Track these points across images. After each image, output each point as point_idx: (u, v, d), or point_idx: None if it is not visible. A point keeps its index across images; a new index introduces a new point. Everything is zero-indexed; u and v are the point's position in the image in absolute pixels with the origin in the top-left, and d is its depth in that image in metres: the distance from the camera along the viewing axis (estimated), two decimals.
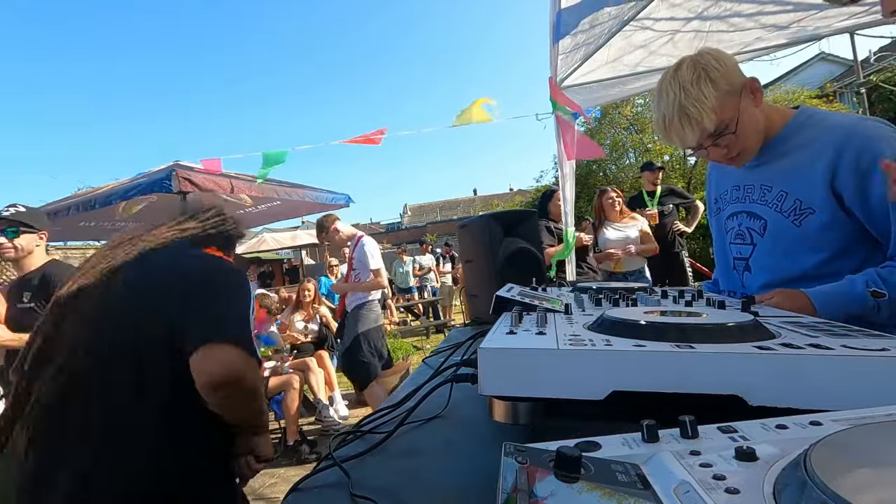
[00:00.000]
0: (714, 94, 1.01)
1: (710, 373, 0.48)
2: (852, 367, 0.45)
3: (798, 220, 1.04)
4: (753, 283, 1.15)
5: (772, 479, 0.28)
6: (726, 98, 1.02)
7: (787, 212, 1.06)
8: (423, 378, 0.86)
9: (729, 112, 1.03)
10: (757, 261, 1.14)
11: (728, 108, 1.03)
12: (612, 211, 3.95)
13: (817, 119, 1.06)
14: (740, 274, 1.19)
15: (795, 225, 1.04)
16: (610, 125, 16.95)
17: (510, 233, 1.52)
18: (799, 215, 1.04)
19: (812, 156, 1.02)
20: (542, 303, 0.89)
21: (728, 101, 1.02)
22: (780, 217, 1.07)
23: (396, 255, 11.16)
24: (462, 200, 34.59)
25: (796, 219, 1.04)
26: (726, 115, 1.03)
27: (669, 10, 2.88)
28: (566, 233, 3.77)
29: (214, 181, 4.05)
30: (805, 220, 1.03)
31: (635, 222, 3.89)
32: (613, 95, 3.90)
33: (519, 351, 0.54)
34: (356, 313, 3.75)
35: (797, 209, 1.04)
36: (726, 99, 1.02)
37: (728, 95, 1.02)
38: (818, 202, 1.01)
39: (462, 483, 0.55)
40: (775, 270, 1.10)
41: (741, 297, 0.90)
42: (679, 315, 0.64)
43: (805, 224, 1.03)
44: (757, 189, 1.13)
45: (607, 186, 4.14)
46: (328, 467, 0.62)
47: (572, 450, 0.31)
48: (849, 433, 0.31)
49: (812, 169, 1.02)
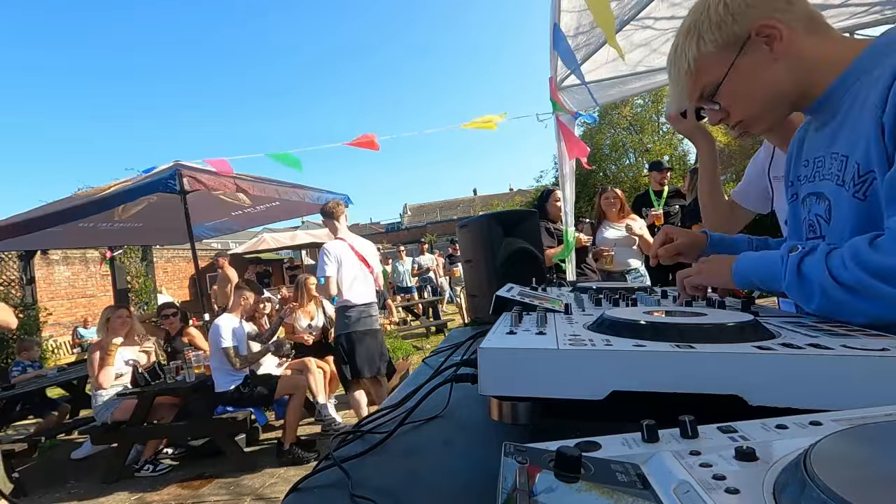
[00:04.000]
0: (694, 50, 0.83)
1: (710, 373, 0.48)
2: (852, 367, 0.45)
3: (861, 192, 0.73)
4: None
5: (772, 479, 0.28)
6: (712, 55, 0.82)
7: (848, 182, 0.76)
8: (423, 378, 0.86)
9: (712, 72, 0.83)
10: None
11: (710, 69, 0.83)
12: (610, 211, 3.95)
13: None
14: None
15: (859, 199, 0.74)
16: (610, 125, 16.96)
17: (510, 233, 1.52)
18: (861, 184, 0.73)
19: (871, 95, 0.71)
20: (542, 303, 0.89)
21: (714, 59, 0.82)
22: (842, 192, 0.78)
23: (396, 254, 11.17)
24: (462, 200, 34.62)
25: (858, 190, 0.74)
26: (705, 78, 0.84)
27: (670, 10, 2.88)
28: (566, 233, 3.77)
29: (218, 180, 4.06)
30: (870, 189, 0.72)
31: (635, 223, 3.90)
32: (613, 95, 3.90)
33: (519, 351, 0.54)
34: (338, 316, 3.78)
35: (857, 176, 0.74)
36: (712, 57, 0.82)
37: (719, 50, 0.81)
38: (877, 158, 0.70)
39: (462, 483, 0.55)
40: None
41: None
42: (679, 315, 0.64)
43: (871, 195, 0.72)
44: (827, 160, 0.82)
45: (608, 186, 4.15)
46: (328, 467, 0.62)
47: (572, 450, 0.31)
48: (849, 433, 0.31)
49: (868, 112, 0.71)
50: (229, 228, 6.78)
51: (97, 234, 5.79)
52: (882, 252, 0.61)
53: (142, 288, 9.44)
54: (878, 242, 0.63)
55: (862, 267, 0.62)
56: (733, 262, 0.80)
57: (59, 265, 11.93)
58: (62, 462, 4.34)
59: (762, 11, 0.79)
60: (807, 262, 0.68)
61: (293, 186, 5.03)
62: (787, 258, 0.71)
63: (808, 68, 0.79)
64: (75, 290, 12.29)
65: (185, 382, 3.74)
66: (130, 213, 5.03)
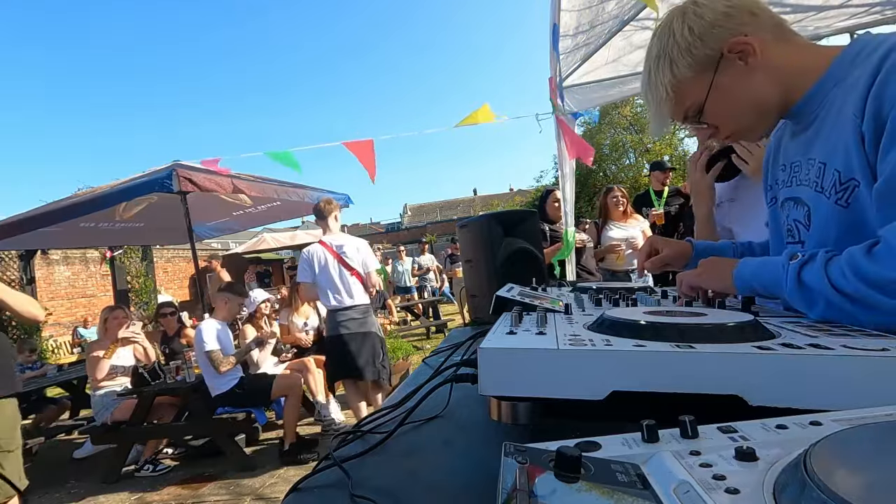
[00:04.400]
0: (670, 77, 0.83)
1: (710, 373, 0.48)
2: (852, 367, 0.45)
3: (843, 199, 0.75)
4: None
5: (772, 479, 0.28)
6: (689, 79, 0.82)
7: (828, 190, 0.77)
8: (423, 378, 0.86)
9: (692, 95, 0.83)
10: None
11: (690, 92, 0.83)
12: (615, 210, 3.95)
13: (872, 47, 0.73)
14: None
15: (841, 206, 0.75)
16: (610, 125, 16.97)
17: (510, 233, 1.52)
18: (843, 191, 0.74)
19: (847, 103, 0.72)
20: (542, 303, 0.89)
21: (691, 82, 0.82)
22: (821, 198, 0.78)
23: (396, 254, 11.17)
24: (462, 200, 34.63)
25: (840, 198, 0.75)
26: (688, 100, 0.84)
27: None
28: (566, 232, 3.77)
29: (215, 181, 4.02)
30: (852, 196, 0.73)
31: (638, 223, 3.89)
32: (613, 96, 3.90)
33: (519, 351, 0.54)
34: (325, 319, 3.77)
35: (837, 183, 0.75)
36: (689, 81, 0.82)
37: (695, 74, 0.81)
38: (858, 166, 0.71)
39: (462, 483, 0.55)
40: None
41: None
42: (679, 315, 0.64)
43: (854, 202, 0.73)
44: (804, 165, 0.84)
45: (613, 185, 4.14)
46: (328, 467, 0.62)
47: (572, 450, 0.31)
48: (849, 433, 0.31)
49: (844, 121, 0.72)
50: (231, 228, 6.78)
51: (98, 234, 5.79)
52: (880, 263, 0.62)
53: (142, 288, 9.44)
54: (875, 252, 0.63)
55: (860, 278, 0.63)
56: (734, 267, 0.81)
57: (59, 265, 11.93)
58: (62, 462, 4.34)
59: (728, 30, 0.79)
60: (806, 270, 0.69)
61: (293, 186, 5.03)
62: (787, 266, 0.72)
63: (786, 75, 0.80)
64: (75, 290, 12.29)
65: (185, 382, 3.74)
66: (132, 212, 5.03)
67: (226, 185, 4.10)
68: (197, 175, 3.84)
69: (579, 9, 3.00)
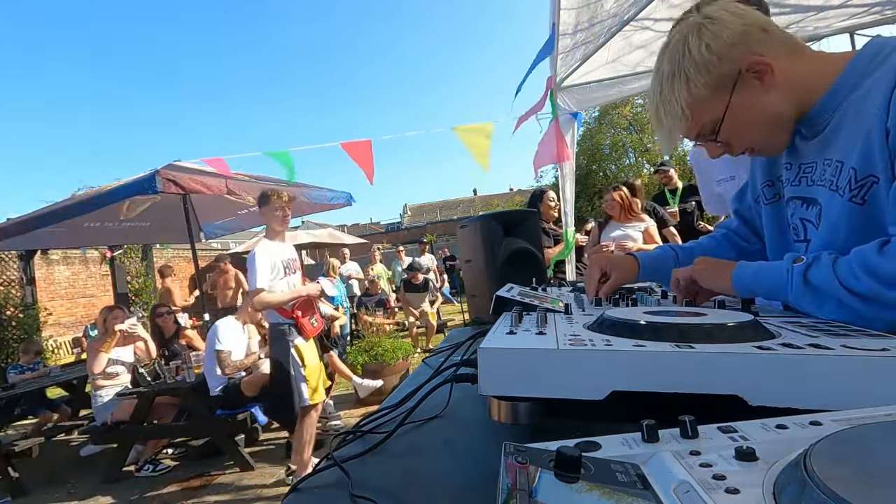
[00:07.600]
0: (686, 96, 0.81)
1: (710, 373, 0.48)
2: (852, 367, 0.45)
3: (859, 196, 0.74)
4: None
5: (772, 479, 0.28)
6: (705, 98, 0.81)
7: (842, 188, 0.76)
8: (423, 378, 0.86)
9: (708, 114, 0.82)
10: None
11: (706, 111, 0.82)
12: (611, 211, 3.94)
13: (892, 48, 0.73)
14: None
15: (857, 203, 0.74)
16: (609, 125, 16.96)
17: (510, 233, 1.52)
18: (858, 188, 0.74)
19: (868, 103, 0.72)
20: (542, 303, 0.89)
21: (708, 101, 0.81)
22: (835, 196, 0.78)
23: (395, 254, 11.16)
24: (462, 200, 34.60)
25: (856, 195, 0.74)
26: (705, 118, 0.83)
27: (669, 11, 2.88)
28: (566, 233, 3.77)
29: (202, 182, 3.90)
30: (869, 193, 0.72)
31: (641, 223, 3.86)
32: (613, 96, 3.91)
33: (519, 351, 0.54)
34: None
35: (853, 181, 0.74)
36: (705, 99, 0.81)
37: (711, 92, 0.80)
38: (880, 163, 0.70)
39: (462, 483, 0.55)
40: None
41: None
42: (679, 315, 0.64)
43: (871, 199, 0.72)
44: (819, 166, 0.83)
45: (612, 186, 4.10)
46: (328, 467, 0.62)
47: (572, 450, 0.31)
48: (849, 433, 0.31)
49: (865, 119, 0.72)
50: (237, 227, 6.78)
51: (103, 234, 5.78)
52: (893, 260, 0.62)
53: (142, 288, 9.43)
54: (887, 250, 0.63)
55: (873, 276, 0.62)
56: (733, 269, 0.81)
57: (59, 265, 11.93)
58: (62, 462, 4.34)
59: (744, 47, 0.79)
60: (813, 271, 0.69)
61: (293, 185, 5.02)
62: (791, 269, 0.72)
63: (801, 89, 0.80)
64: (75, 290, 12.29)
65: (185, 382, 3.74)
66: (136, 212, 5.01)
67: (214, 186, 4.00)
68: (181, 176, 3.77)
69: (578, 6, 3.00)
